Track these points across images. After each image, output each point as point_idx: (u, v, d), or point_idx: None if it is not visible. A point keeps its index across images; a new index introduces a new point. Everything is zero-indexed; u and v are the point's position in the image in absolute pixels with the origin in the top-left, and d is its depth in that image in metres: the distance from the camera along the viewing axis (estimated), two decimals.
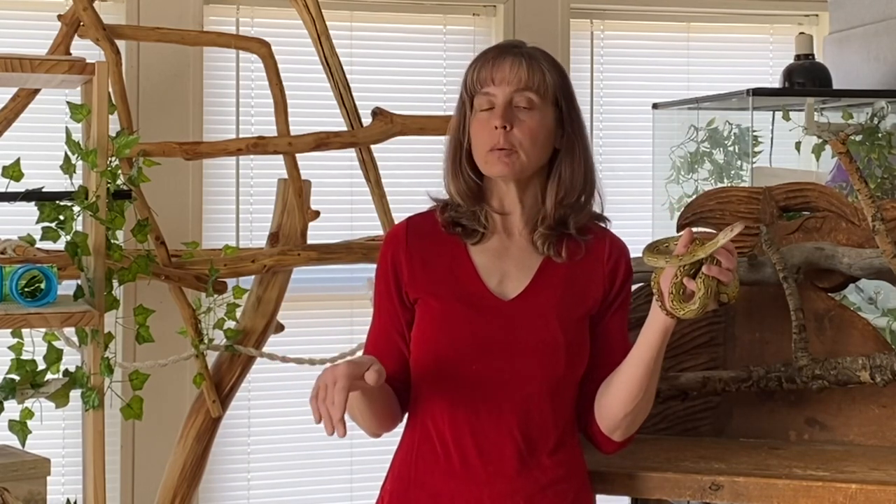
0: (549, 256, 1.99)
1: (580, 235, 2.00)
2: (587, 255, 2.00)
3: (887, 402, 2.29)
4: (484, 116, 1.96)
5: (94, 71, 2.18)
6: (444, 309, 1.96)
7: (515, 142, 1.94)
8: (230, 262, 2.93)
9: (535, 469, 1.94)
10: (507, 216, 2.01)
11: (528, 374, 1.94)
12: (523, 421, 1.94)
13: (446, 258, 2.00)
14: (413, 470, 1.98)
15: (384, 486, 2.06)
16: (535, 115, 1.96)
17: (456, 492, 1.93)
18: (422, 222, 2.04)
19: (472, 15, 4.01)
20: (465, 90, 2.01)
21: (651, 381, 1.95)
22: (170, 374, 3.35)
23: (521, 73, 1.95)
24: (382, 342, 2.02)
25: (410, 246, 2.01)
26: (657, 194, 3.98)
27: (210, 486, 3.74)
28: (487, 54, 2.00)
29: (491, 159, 1.95)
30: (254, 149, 2.95)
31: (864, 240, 2.33)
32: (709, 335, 2.44)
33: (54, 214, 2.24)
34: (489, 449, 1.93)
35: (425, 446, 1.97)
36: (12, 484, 2.25)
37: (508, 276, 1.98)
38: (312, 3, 2.96)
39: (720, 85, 3.94)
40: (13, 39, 3.51)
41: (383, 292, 2.02)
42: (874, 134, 3.61)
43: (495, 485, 1.92)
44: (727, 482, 2.06)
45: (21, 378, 2.28)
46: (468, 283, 1.97)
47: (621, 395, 1.96)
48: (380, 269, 2.04)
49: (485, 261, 1.99)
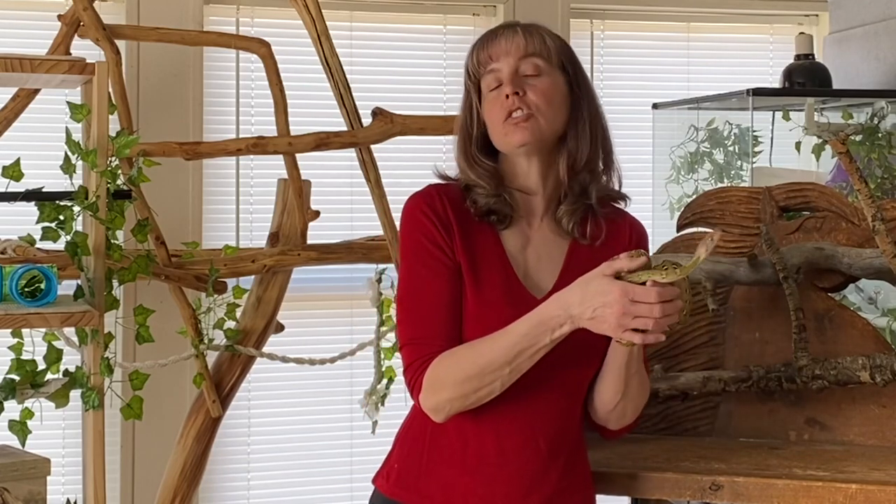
0: (575, 239, 1.94)
1: (601, 210, 1.95)
2: (608, 237, 1.96)
3: (887, 402, 2.29)
4: (494, 94, 1.92)
5: (94, 71, 2.18)
6: (479, 301, 1.88)
7: (531, 105, 1.89)
8: (230, 262, 2.93)
9: (553, 472, 1.91)
10: (531, 197, 1.95)
11: (559, 378, 1.90)
12: (549, 424, 1.91)
13: (482, 241, 1.92)
14: (426, 458, 1.93)
15: (389, 460, 2.00)
16: (545, 78, 1.92)
17: (469, 489, 1.89)
18: (450, 193, 1.94)
19: (472, 15, 4.01)
20: (468, 77, 1.97)
21: (631, 383, 1.91)
22: (170, 374, 3.35)
23: (519, 41, 1.92)
24: (451, 307, 1.88)
25: (451, 213, 1.91)
26: (657, 194, 3.98)
27: (210, 486, 3.74)
28: (482, 37, 1.98)
29: (509, 128, 1.89)
30: (254, 149, 2.95)
31: (864, 240, 2.33)
32: (709, 335, 2.44)
33: (54, 214, 2.24)
34: (510, 449, 1.89)
35: (442, 438, 1.92)
36: (12, 484, 2.25)
37: (534, 267, 1.93)
38: (312, 3, 2.96)
39: (720, 85, 3.94)
40: (13, 39, 3.51)
41: (432, 249, 1.88)
42: (874, 134, 3.61)
43: (511, 485, 1.89)
44: (727, 482, 2.06)
45: (21, 378, 2.27)
46: (504, 272, 1.90)
47: (604, 392, 1.94)
48: (420, 228, 1.90)
49: (513, 249, 1.93)
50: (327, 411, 3.85)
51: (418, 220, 1.91)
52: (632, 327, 1.72)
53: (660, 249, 2.54)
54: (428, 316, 1.88)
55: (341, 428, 3.79)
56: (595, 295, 1.73)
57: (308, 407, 3.84)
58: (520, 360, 1.80)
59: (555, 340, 1.79)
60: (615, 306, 1.71)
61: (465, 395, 1.83)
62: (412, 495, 1.93)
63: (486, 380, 1.82)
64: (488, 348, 1.82)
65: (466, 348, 1.84)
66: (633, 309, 1.71)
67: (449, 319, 1.87)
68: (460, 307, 1.88)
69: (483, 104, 1.95)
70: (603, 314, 1.73)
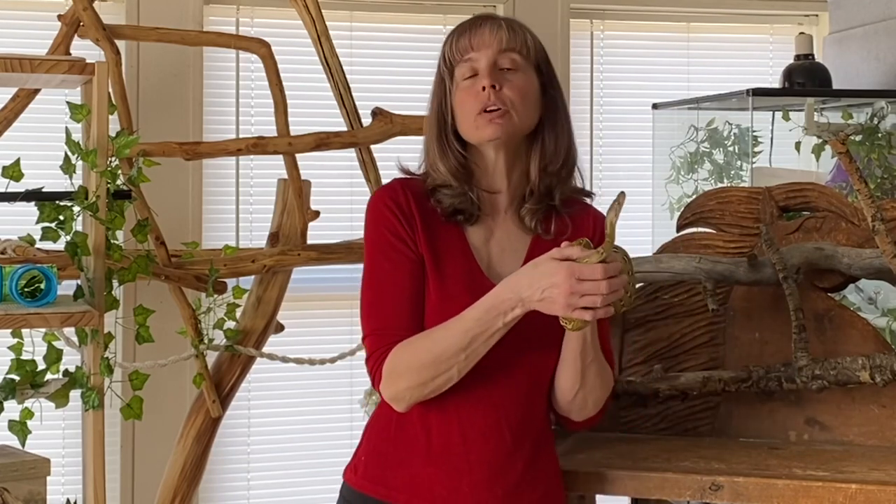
0: (538, 234, 1.96)
1: (565, 209, 1.97)
2: (574, 230, 1.97)
3: (887, 402, 2.29)
4: (468, 83, 1.92)
5: (94, 71, 2.18)
6: (442, 293, 1.90)
7: (507, 101, 1.89)
8: (230, 262, 2.93)
9: (518, 461, 1.92)
10: (495, 195, 1.97)
11: (520, 364, 1.91)
12: (512, 412, 1.91)
13: (445, 235, 1.94)
14: (392, 449, 1.94)
15: (358, 453, 2.02)
16: (521, 75, 1.92)
17: (435, 478, 1.90)
18: (415, 187, 1.96)
19: (472, 15, 4.01)
20: (444, 63, 1.97)
21: (587, 373, 1.91)
22: (170, 374, 3.35)
23: (503, 35, 1.92)
24: (413, 299, 1.90)
25: (413, 207, 1.93)
26: (657, 194, 3.98)
27: (210, 486, 3.74)
28: (464, 25, 1.98)
29: (481, 122, 1.90)
30: (254, 149, 2.95)
31: (864, 240, 2.33)
32: (709, 335, 2.44)
33: (54, 214, 2.24)
34: (474, 438, 1.90)
35: (407, 429, 1.93)
36: (12, 484, 2.25)
37: (497, 260, 1.94)
38: (312, 4, 2.97)
39: (720, 85, 3.94)
40: (13, 39, 3.51)
41: (394, 242, 1.91)
42: (874, 134, 3.61)
43: (475, 475, 1.89)
44: (727, 482, 2.05)
45: (21, 378, 2.28)
46: (467, 265, 1.92)
47: (563, 382, 1.94)
48: (383, 221, 1.92)
49: (477, 243, 1.95)
50: (327, 411, 3.85)
51: (381, 213, 1.93)
52: (580, 306, 1.74)
53: (660, 249, 2.54)
54: (389, 307, 1.90)
55: (341, 428, 3.79)
56: (543, 276, 1.76)
57: (308, 407, 3.84)
58: (475, 346, 1.82)
59: (508, 324, 1.81)
60: (563, 286, 1.73)
61: (424, 383, 1.85)
62: (379, 487, 1.94)
63: (442, 367, 1.84)
64: (443, 335, 1.84)
65: (422, 337, 1.86)
66: (580, 287, 1.73)
67: (410, 311, 1.89)
68: (422, 299, 1.90)
69: (455, 92, 1.95)
70: (551, 295, 1.75)
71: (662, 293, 2.50)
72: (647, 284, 2.51)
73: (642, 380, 2.39)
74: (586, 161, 4.07)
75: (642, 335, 2.49)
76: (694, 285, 2.44)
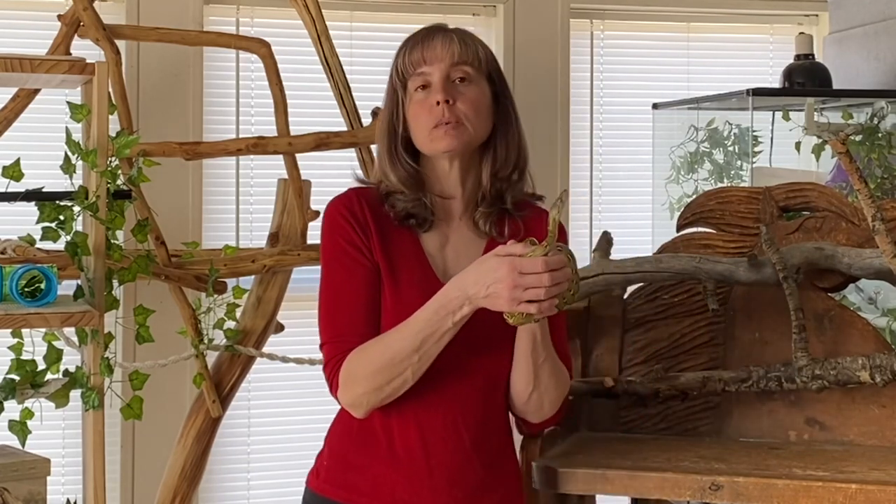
0: (492, 237, 1.98)
1: (517, 212, 2.00)
2: (527, 232, 1.98)
3: (887, 402, 2.30)
4: (421, 96, 1.95)
5: (94, 71, 2.18)
6: (398, 299, 1.92)
7: (460, 114, 1.92)
8: (230, 262, 2.93)
9: (477, 464, 1.93)
10: (449, 201, 1.99)
11: (476, 366, 1.93)
12: (470, 414, 1.93)
13: (400, 242, 1.96)
14: (353, 454, 1.96)
15: (320, 458, 2.04)
16: (473, 87, 1.95)
17: (396, 482, 1.92)
18: (369, 195, 1.99)
19: (472, 15, 4.01)
20: (396, 75, 1.99)
21: (540, 373, 1.92)
22: (170, 374, 3.34)
23: (454, 48, 1.95)
24: (368, 306, 1.93)
25: (368, 214, 1.96)
26: (657, 194, 3.98)
27: (210, 486, 3.74)
28: (415, 37, 2.00)
29: (436, 135, 1.92)
30: (254, 149, 2.95)
31: (864, 240, 2.33)
32: (709, 335, 2.45)
33: (54, 214, 2.24)
34: (433, 441, 1.91)
35: (368, 433, 1.95)
36: (12, 484, 2.25)
37: (453, 265, 1.96)
38: (312, 3, 2.97)
39: (720, 85, 3.94)
40: (13, 39, 3.51)
41: (349, 250, 1.93)
42: (874, 134, 3.61)
43: (435, 478, 1.91)
44: (727, 482, 2.06)
45: (21, 378, 2.28)
46: (422, 271, 1.94)
47: (516, 383, 1.95)
48: (339, 230, 1.95)
49: (432, 248, 1.97)
50: (327, 411, 3.83)
51: (337, 222, 1.96)
52: (525, 299, 1.76)
53: (660, 250, 2.54)
54: (345, 315, 1.93)
55: None
56: (487, 272, 1.78)
57: (308, 407, 3.84)
58: (426, 347, 1.84)
59: (457, 323, 1.83)
60: (506, 280, 1.75)
61: (379, 388, 1.87)
62: (341, 491, 1.96)
63: (396, 370, 1.85)
64: (395, 339, 1.86)
65: (375, 342, 1.88)
66: (523, 281, 1.75)
67: (366, 318, 1.91)
68: (378, 305, 1.92)
69: (409, 104, 1.97)
70: (496, 290, 1.77)
71: (662, 293, 2.50)
72: (647, 284, 2.51)
73: (642, 380, 2.39)
74: (586, 161, 4.08)
75: (642, 335, 2.49)
76: (694, 285, 2.44)
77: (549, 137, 3.93)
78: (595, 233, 3.97)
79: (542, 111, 3.93)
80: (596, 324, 2.51)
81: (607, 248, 2.61)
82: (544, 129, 3.92)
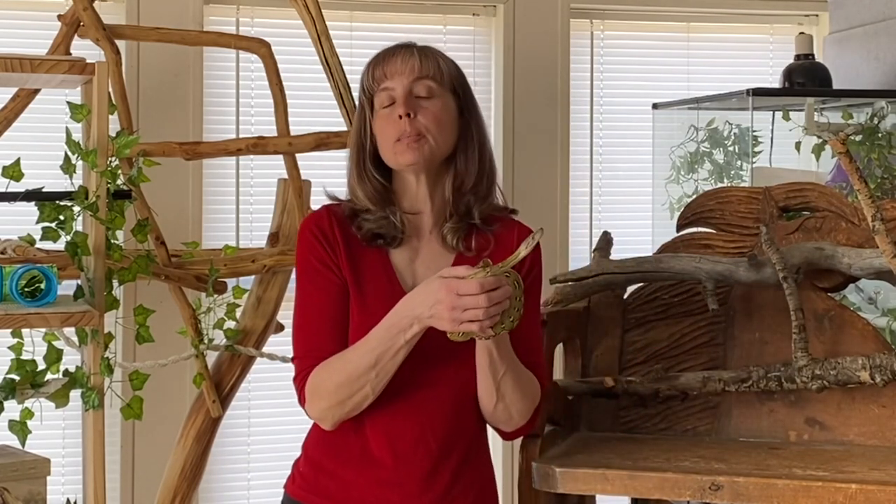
0: (461, 252, 2.00)
1: (486, 226, 2.01)
2: (497, 245, 2.01)
3: (887, 402, 2.30)
4: (386, 112, 1.98)
5: (94, 71, 2.19)
6: (365, 315, 1.95)
7: (422, 128, 1.95)
8: (230, 262, 2.93)
9: (445, 472, 1.96)
10: (418, 216, 2.02)
11: (443, 377, 1.95)
12: (439, 424, 1.95)
13: (368, 258, 1.99)
14: (326, 461, 2.00)
15: (297, 464, 2.08)
16: (437, 101, 1.98)
17: (367, 490, 1.95)
18: (340, 213, 2.03)
19: (472, 15, 4.01)
20: (362, 92, 2.04)
21: (502, 386, 1.94)
22: (170, 374, 3.34)
23: (415, 63, 1.98)
24: (335, 322, 1.97)
25: (337, 232, 2.00)
26: (657, 194, 3.98)
27: (210, 486, 3.74)
28: (380, 54, 2.04)
29: (399, 149, 1.96)
30: (254, 149, 2.95)
31: (864, 240, 2.33)
32: (709, 335, 2.45)
33: (54, 214, 2.24)
34: (402, 450, 1.94)
35: (340, 440, 1.98)
36: (12, 484, 2.25)
37: (422, 279, 1.97)
38: (312, 3, 2.96)
39: (720, 85, 3.94)
40: (13, 39, 3.51)
41: (319, 268, 1.97)
42: (874, 134, 3.60)
43: (404, 486, 1.94)
44: (727, 482, 2.06)
45: (21, 378, 2.28)
46: (389, 286, 1.97)
47: (481, 394, 1.97)
48: (309, 248, 1.99)
49: (401, 264, 2.00)
50: None
51: (307, 239, 2.00)
52: (465, 320, 1.79)
53: (660, 250, 2.54)
54: (313, 331, 1.98)
55: None
56: (429, 293, 1.83)
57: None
58: (382, 364, 1.89)
59: (409, 342, 1.87)
60: (445, 301, 1.80)
61: (342, 402, 1.92)
62: (314, 497, 2.01)
63: (355, 385, 1.90)
64: (353, 356, 1.91)
65: (336, 358, 1.94)
66: (461, 302, 1.79)
67: (332, 334, 1.96)
68: (345, 322, 1.97)
69: (375, 120, 2.01)
70: (437, 311, 1.81)
71: (662, 293, 2.50)
72: (647, 284, 2.51)
73: (642, 380, 2.39)
74: (586, 161, 4.08)
75: (642, 335, 2.49)
76: (694, 285, 2.44)
77: (549, 137, 3.93)
78: (595, 233, 3.97)
79: (542, 111, 3.93)
80: (596, 324, 2.51)
81: (607, 248, 2.61)
82: (544, 130, 3.92)
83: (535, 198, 3.87)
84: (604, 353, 2.49)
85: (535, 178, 3.91)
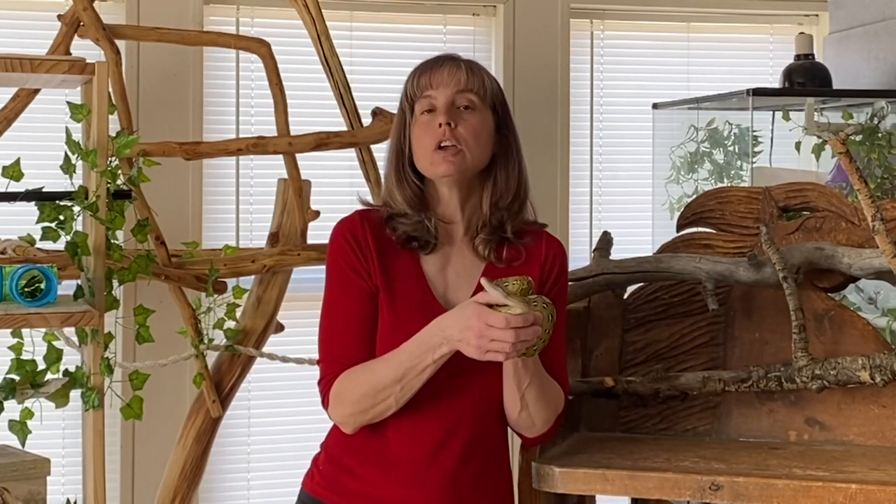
0: (491, 262, 2.03)
1: (517, 239, 2.05)
2: (527, 258, 2.04)
3: (887, 402, 2.30)
4: (426, 119, 2.01)
5: (94, 71, 2.19)
6: (395, 320, 1.97)
7: (461, 139, 1.98)
8: (230, 262, 2.93)
9: (467, 474, 1.98)
10: (450, 225, 2.05)
11: (470, 385, 1.97)
12: (464, 428, 1.98)
13: (401, 264, 2.01)
14: (347, 459, 2.02)
15: (316, 461, 2.10)
16: (477, 115, 2.01)
17: (388, 490, 1.97)
18: (373, 219, 2.05)
19: (472, 15, 4.00)
20: (405, 98, 2.06)
21: (527, 396, 1.97)
22: (170, 374, 3.34)
23: (461, 76, 2.02)
24: (363, 328, 1.99)
25: (370, 237, 2.02)
26: (657, 194, 3.98)
27: (210, 486, 3.74)
28: (426, 63, 2.07)
29: (436, 159, 1.98)
30: (254, 149, 2.95)
31: (864, 240, 2.33)
32: (709, 335, 2.45)
33: (54, 214, 2.24)
34: (427, 452, 1.97)
35: (362, 440, 2.00)
36: (12, 484, 2.25)
37: (453, 286, 2.02)
38: (312, 3, 2.96)
39: (720, 85, 3.94)
40: (13, 39, 3.51)
41: (350, 274, 2.00)
42: (874, 134, 3.60)
43: (427, 489, 1.96)
44: (727, 482, 2.06)
45: (21, 378, 2.28)
46: (421, 292, 2.00)
47: (506, 402, 2.00)
48: (341, 253, 2.01)
49: (432, 270, 2.02)
50: None
51: (339, 244, 2.03)
52: (491, 349, 1.82)
53: (660, 250, 2.54)
54: (340, 335, 2.00)
55: None
56: (462, 318, 1.85)
57: (308, 407, 3.82)
58: (408, 379, 1.91)
59: (437, 361, 1.89)
60: (475, 329, 1.82)
61: (364, 411, 1.95)
62: (333, 495, 2.02)
63: (379, 397, 1.93)
64: (380, 367, 1.94)
65: (363, 367, 1.96)
66: (489, 333, 1.81)
67: (359, 340, 1.99)
68: (373, 329, 1.99)
69: (413, 127, 2.03)
70: (465, 337, 1.83)
71: (662, 293, 2.50)
72: (647, 284, 2.51)
73: (642, 380, 2.39)
74: (586, 161, 4.08)
75: (642, 335, 2.49)
76: (694, 285, 2.44)
77: (549, 137, 3.93)
78: (595, 233, 3.97)
79: (542, 111, 3.93)
80: (596, 324, 2.51)
81: (607, 248, 2.61)
82: (544, 130, 3.92)
83: (536, 198, 3.85)
84: (604, 353, 2.49)
85: (535, 178, 3.85)
